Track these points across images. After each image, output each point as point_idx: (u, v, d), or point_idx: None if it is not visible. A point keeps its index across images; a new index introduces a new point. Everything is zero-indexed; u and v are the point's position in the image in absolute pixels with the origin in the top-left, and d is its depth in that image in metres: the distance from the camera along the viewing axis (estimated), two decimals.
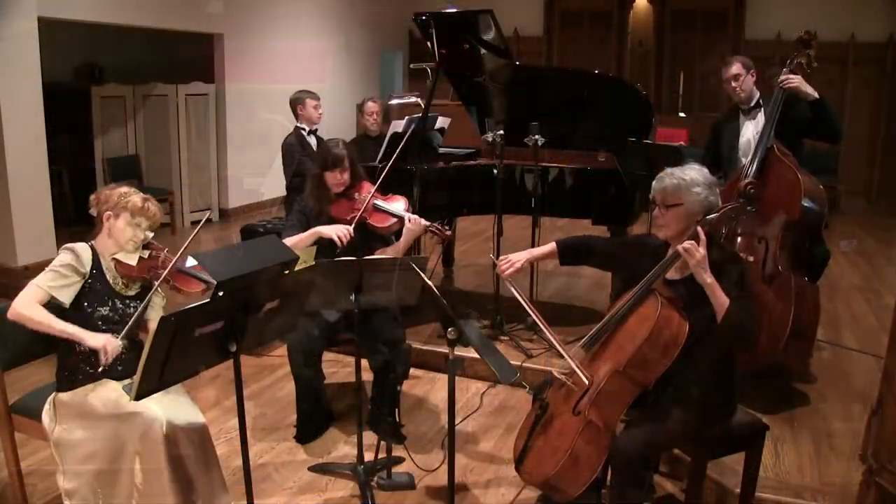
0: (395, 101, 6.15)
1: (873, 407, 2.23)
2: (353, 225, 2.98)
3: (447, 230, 3.06)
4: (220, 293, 1.82)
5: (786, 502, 2.55)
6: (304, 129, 4.64)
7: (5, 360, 2.37)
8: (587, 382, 2.20)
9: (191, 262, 2.43)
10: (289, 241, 2.85)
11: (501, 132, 3.84)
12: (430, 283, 2.15)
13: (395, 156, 3.30)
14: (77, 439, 2.20)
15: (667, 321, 2.15)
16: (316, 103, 4.67)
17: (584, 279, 5.24)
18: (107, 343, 2.18)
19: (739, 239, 3.30)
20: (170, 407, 2.19)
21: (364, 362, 2.86)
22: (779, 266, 3.19)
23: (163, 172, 7.10)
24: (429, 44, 4.19)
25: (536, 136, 3.78)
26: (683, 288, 2.27)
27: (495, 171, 3.91)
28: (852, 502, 2.35)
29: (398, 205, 3.10)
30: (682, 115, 9.07)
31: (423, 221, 3.00)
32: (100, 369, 2.19)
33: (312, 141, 4.62)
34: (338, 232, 2.92)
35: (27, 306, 2.18)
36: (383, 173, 3.15)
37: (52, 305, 2.24)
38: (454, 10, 4.11)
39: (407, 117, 4.41)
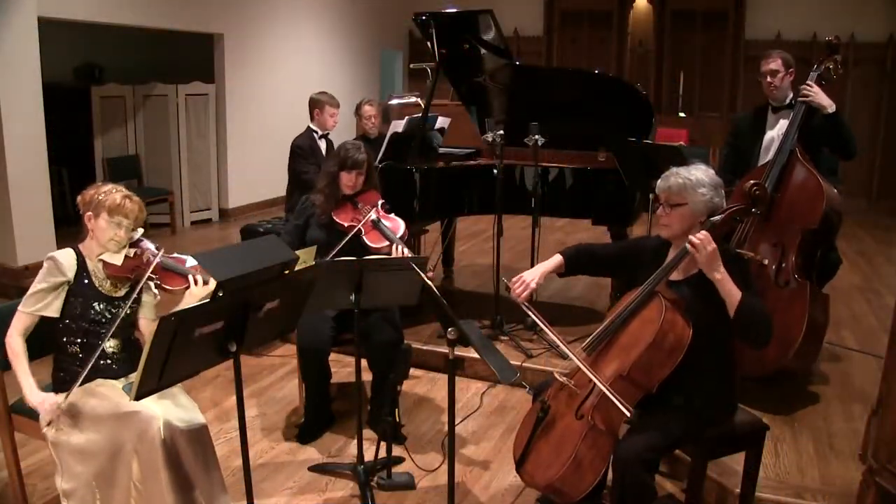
0: (394, 101, 6.15)
1: (873, 407, 2.23)
2: (345, 240, 2.96)
3: (430, 271, 3.06)
4: (220, 293, 1.82)
5: (786, 502, 2.55)
6: (316, 132, 4.63)
7: (5, 360, 2.37)
8: (627, 414, 2.10)
9: (191, 262, 2.44)
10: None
11: (501, 132, 3.83)
12: (430, 283, 2.15)
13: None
14: (75, 440, 2.19)
15: (671, 325, 2.14)
16: (334, 112, 4.66)
17: (584, 279, 5.23)
18: (43, 401, 2.18)
19: (746, 243, 3.30)
20: (169, 407, 2.19)
21: (364, 362, 2.86)
22: (794, 272, 3.18)
23: (163, 172, 7.10)
24: (429, 44, 4.19)
25: (536, 136, 3.77)
26: (687, 289, 2.26)
27: (495, 171, 3.91)
28: (852, 502, 2.35)
29: (397, 232, 3.09)
30: (682, 115, 9.07)
31: (409, 255, 2.99)
32: (44, 429, 2.20)
33: (322, 145, 4.61)
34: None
35: (13, 337, 2.25)
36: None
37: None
38: (454, 10, 4.11)
39: (407, 117, 4.41)
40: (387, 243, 3.04)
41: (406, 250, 3.01)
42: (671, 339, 2.13)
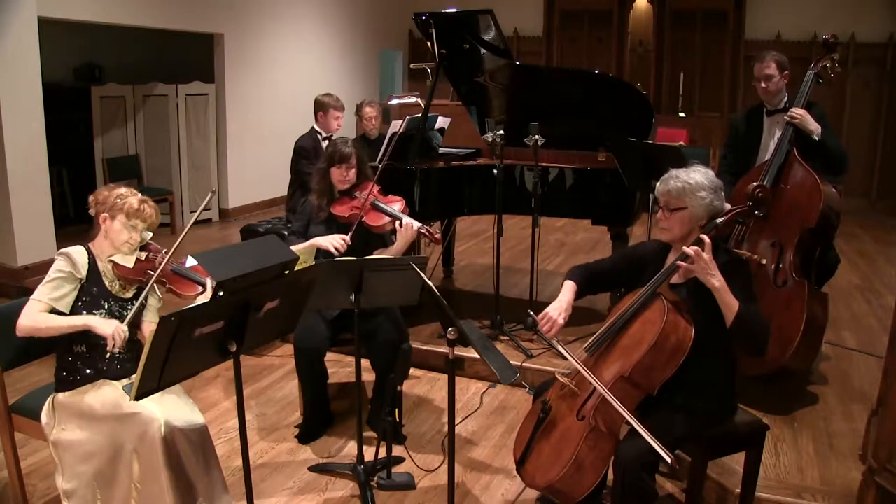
0: (394, 101, 6.14)
1: (873, 407, 2.23)
2: (352, 230, 2.99)
3: (437, 234, 3.06)
4: (220, 293, 1.82)
5: (786, 502, 2.55)
6: (319, 134, 4.63)
7: (5, 360, 2.37)
8: (668, 460, 2.02)
9: (191, 262, 2.44)
10: None
11: (501, 132, 3.83)
12: (430, 283, 2.15)
13: (388, 153, 3.29)
14: (76, 440, 2.20)
15: (673, 327, 2.14)
16: (339, 115, 4.65)
17: None
18: (115, 331, 2.19)
19: (744, 242, 3.29)
20: (169, 407, 2.19)
21: (364, 362, 2.86)
22: (792, 272, 3.18)
23: (163, 172, 7.10)
24: (429, 44, 4.19)
25: (536, 136, 3.77)
26: (686, 291, 2.26)
27: (495, 171, 3.91)
28: (852, 502, 2.35)
29: (395, 206, 3.12)
30: (682, 115, 9.07)
31: (416, 224, 3.01)
32: (111, 351, 2.20)
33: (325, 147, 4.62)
34: (333, 243, 2.95)
35: (31, 319, 2.21)
36: (378, 171, 3.18)
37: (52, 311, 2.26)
38: (454, 10, 4.11)
39: (407, 117, 4.41)
40: (388, 220, 3.05)
41: (413, 221, 3.00)
42: (673, 340, 2.13)
